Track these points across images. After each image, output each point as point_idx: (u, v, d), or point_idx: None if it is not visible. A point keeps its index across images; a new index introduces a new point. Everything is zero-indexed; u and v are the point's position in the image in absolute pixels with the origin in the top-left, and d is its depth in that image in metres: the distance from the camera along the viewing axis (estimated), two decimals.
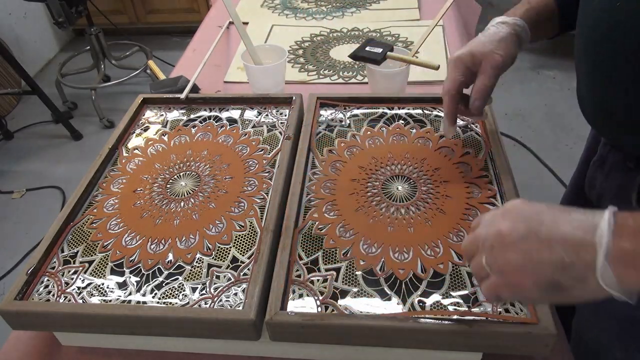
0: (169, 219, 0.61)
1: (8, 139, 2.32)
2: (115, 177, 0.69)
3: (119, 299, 0.53)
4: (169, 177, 0.68)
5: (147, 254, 0.57)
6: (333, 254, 0.56)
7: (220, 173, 0.67)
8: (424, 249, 0.55)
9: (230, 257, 0.56)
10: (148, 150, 0.73)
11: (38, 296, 0.54)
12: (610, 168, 0.64)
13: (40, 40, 2.83)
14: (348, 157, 0.68)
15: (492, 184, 0.63)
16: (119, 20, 2.74)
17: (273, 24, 1.22)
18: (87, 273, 0.56)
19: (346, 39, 1.14)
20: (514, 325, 0.47)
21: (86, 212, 0.64)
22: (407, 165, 0.66)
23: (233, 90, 1.01)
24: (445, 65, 1.01)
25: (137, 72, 2.38)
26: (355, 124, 0.74)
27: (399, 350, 0.53)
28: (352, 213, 0.60)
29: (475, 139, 0.70)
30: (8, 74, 2.45)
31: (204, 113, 0.79)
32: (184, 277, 0.55)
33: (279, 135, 0.73)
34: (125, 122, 0.77)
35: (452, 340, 0.48)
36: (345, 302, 0.51)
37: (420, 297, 0.51)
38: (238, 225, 0.60)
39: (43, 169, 2.15)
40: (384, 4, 1.28)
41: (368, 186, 0.64)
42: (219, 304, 0.52)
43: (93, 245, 0.59)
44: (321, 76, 1.02)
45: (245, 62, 0.89)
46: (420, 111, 0.75)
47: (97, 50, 2.36)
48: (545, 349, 0.47)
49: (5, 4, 2.53)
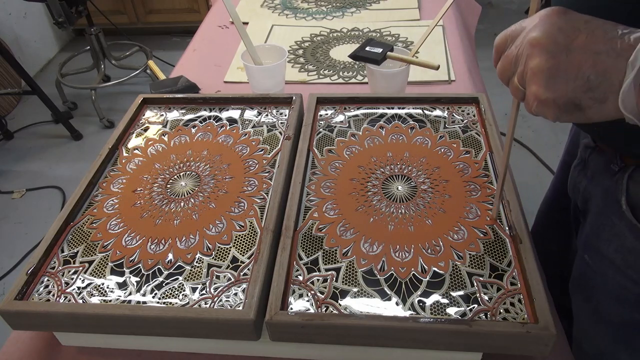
0: (169, 219, 0.61)
1: (8, 139, 2.32)
2: (115, 177, 0.69)
3: (119, 299, 0.53)
4: (169, 177, 0.68)
5: (147, 254, 0.57)
6: (333, 254, 0.56)
7: (220, 173, 0.67)
8: (425, 248, 0.55)
9: (230, 257, 0.56)
10: (148, 150, 0.73)
11: (38, 296, 0.54)
12: (594, 172, 0.62)
13: (40, 40, 2.83)
14: (348, 157, 0.68)
15: (492, 184, 0.63)
16: (119, 20, 2.75)
17: (273, 24, 1.22)
18: (87, 273, 0.56)
19: (346, 39, 1.14)
20: (514, 325, 0.47)
21: (86, 212, 0.64)
22: (406, 164, 0.66)
23: (233, 90, 1.01)
24: (445, 65, 1.01)
25: (137, 72, 2.38)
26: (355, 124, 0.74)
27: (399, 350, 0.53)
28: (352, 212, 0.60)
29: (475, 138, 0.70)
30: (8, 74, 2.45)
31: (204, 113, 0.79)
32: (184, 277, 0.55)
33: (279, 135, 0.73)
34: (125, 122, 0.77)
35: (452, 340, 0.48)
36: (345, 302, 0.51)
37: (420, 297, 0.51)
38: (238, 225, 0.60)
39: (43, 169, 2.15)
40: (384, 4, 1.28)
41: (368, 186, 0.64)
42: (219, 304, 0.52)
43: (93, 245, 0.59)
44: (321, 76, 1.02)
45: (245, 62, 0.89)
46: (420, 111, 0.75)
47: (97, 50, 2.36)
48: (545, 349, 0.47)
49: (5, 4, 2.54)
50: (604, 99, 0.36)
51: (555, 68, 0.37)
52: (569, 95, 0.37)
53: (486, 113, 0.73)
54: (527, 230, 0.56)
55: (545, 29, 0.38)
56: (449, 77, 0.98)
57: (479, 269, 0.53)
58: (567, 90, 0.37)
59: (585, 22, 0.37)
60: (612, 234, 0.58)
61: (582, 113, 0.38)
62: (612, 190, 0.57)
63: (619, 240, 0.57)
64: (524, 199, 0.70)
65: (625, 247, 0.57)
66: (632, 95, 0.35)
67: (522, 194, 0.65)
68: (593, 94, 0.37)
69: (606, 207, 0.59)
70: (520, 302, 0.50)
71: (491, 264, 0.53)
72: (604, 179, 0.59)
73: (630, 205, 0.55)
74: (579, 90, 0.37)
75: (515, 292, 0.50)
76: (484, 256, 0.54)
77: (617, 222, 0.57)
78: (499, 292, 0.51)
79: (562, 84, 0.37)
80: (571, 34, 0.37)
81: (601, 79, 0.36)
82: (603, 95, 0.36)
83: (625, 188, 0.55)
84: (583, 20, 0.38)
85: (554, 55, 0.37)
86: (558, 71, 0.37)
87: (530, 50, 0.38)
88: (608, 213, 0.59)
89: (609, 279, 0.60)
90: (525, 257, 0.52)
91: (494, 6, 3.15)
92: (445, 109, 0.75)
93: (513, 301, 0.50)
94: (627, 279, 0.58)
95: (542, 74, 0.38)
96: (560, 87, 0.37)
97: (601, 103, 0.37)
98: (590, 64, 0.36)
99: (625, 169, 0.55)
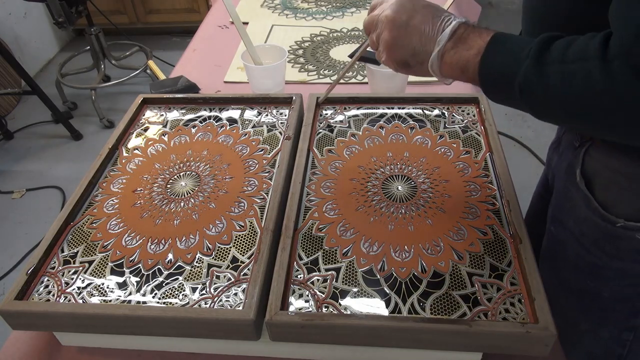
0: (169, 219, 0.61)
1: (8, 139, 2.32)
2: (115, 177, 0.69)
3: (119, 299, 0.53)
4: (169, 177, 0.68)
5: (147, 254, 0.57)
6: (333, 254, 0.56)
7: (220, 173, 0.67)
8: (425, 247, 0.55)
9: (230, 257, 0.56)
10: (148, 150, 0.73)
11: (38, 296, 0.54)
12: (564, 148, 0.67)
13: (40, 40, 2.83)
14: (348, 157, 0.68)
15: (492, 184, 0.63)
16: (119, 20, 2.75)
17: (273, 24, 1.22)
18: (87, 273, 0.56)
19: (346, 39, 1.14)
20: (514, 325, 0.47)
21: (86, 212, 0.64)
22: (406, 164, 0.66)
23: (233, 90, 1.01)
24: None
25: (137, 72, 2.38)
26: (355, 124, 0.74)
27: (399, 350, 0.53)
28: (352, 212, 0.60)
29: (475, 138, 0.70)
30: (8, 74, 2.45)
31: (204, 113, 0.79)
32: (184, 277, 0.55)
33: (279, 135, 0.73)
34: (125, 122, 0.77)
35: (452, 340, 0.48)
36: (345, 302, 0.51)
37: (420, 297, 0.51)
38: (238, 225, 0.60)
39: (43, 169, 2.15)
40: None
41: (368, 186, 0.64)
42: (219, 304, 0.52)
43: (93, 245, 0.59)
44: (321, 76, 1.02)
45: (245, 62, 0.89)
46: (420, 111, 0.75)
47: (97, 50, 2.36)
48: (545, 349, 0.47)
49: (5, 4, 2.54)
50: (423, 62, 0.52)
51: (396, 38, 0.52)
52: (402, 57, 0.53)
53: (486, 113, 0.73)
54: (527, 230, 0.56)
55: (396, 8, 0.52)
56: None
57: (479, 269, 0.53)
58: (401, 54, 0.53)
59: (423, 7, 0.52)
60: (571, 205, 0.64)
61: (410, 69, 0.54)
62: (572, 163, 0.63)
63: (575, 210, 0.63)
64: (523, 199, 0.70)
65: (580, 217, 0.62)
66: (437, 63, 0.51)
67: (522, 193, 0.65)
68: (416, 58, 0.52)
69: (567, 180, 0.64)
70: (520, 302, 0.50)
71: (491, 264, 0.53)
72: (569, 153, 0.64)
73: (585, 177, 0.61)
74: (408, 55, 0.53)
75: (515, 292, 0.50)
76: (484, 256, 0.54)
77: (575, 194, 0.62)
78: (499, 292, 0.51)
79: (398, 50, 0.53)
80: (412, 14, 0.51)
81: (422, 48, 0.51)
82: (422, 60, 0.52)
83: (581, 161, 0.61)
84: (422, 5, 0.52)
85: (397, 29, 0.52)
86: (396, 40, 0.52)
87: (384, 22, 0.53)
88: (568, 186, 0.64)
89: (569, 248, 0.66)
90: (525, 257, 0.52)
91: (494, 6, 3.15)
92: (445, 109, 0.75)
93: (513, 301, 0.50)
94: (582, 247, 0.63)
95: (387, 43, 0.53)
96: (397, 52, 0.53)
97: (421, 65, 0.53)
98: (417, 38, 0.51)
99: (583, 144, 0.61)
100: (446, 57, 0.50)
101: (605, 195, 0.59)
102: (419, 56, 0.52)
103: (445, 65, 0.51)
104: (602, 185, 0.59)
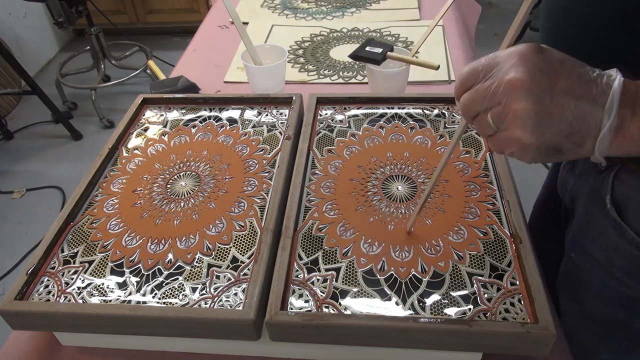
0: (169, 219, 0.62)
1: (8, 139, 2.32)
2: (115, 177, 0.69)
3: (119, 299, 0.53)
4: (169, 177, 0.68)
5: (147, 254, 0.57)
6: (333, 253, 0.56)
7: (220, 173, 0.67)
8: (425, 247, 0.55)
9: (230, 257, 0.56)
10: (148, 150, 0.73)
11: (38, 296, 0.54)
12: (581, 171, 0.63)
13: (40, 40, 2.83)
14: (348, 157, 0.68)
15: (492, 184, 0.63)
16: (119, 20, 2.75)
17: (273, 24, 1.22)
18: (87, 273, 0.56)
19: (346, 39, 1.14)
20: (514, 325, 0.47)
21: (86, 212, 0.64)
22: (406, 164, 0.66)
23: (233, 90, 1.01)
24: (445, 65, 1.01)
25: (137, 72, 2.38)
26: (355, 124, 0.74)
27: (399, 350, 0.53)
28: (352, 212, 0.60)
29: (475, 138, 0.70)
30: (8, 74, 2.45)
31: (204, 113, 0.79)
32: (184, 277, 0.55)
33: (279, 135, 0.73)
34: (125, 122, 0.77)
35: (452, 340, 0.48)
36: (345, 302, 0.51)
37: (420, 297, 0.51)
38: (238, 225, 0.60)
39: (43, 169, 2.15)
40: (384, 4, 1.28)
41: (368, 186, 0.64)
42: (219, 304, 0.52)
43: (93, 245, 0.59)
44: (321, 76, 1.02)
45: (245, 62, 0.89)
46: (420, 111, 0.75)
47: (97, 50, 2.36)
48: (545, 349, 0.47)
49: (5, 4, 2.54)
50: (582, 143, 0.38)
51: (541, 113, 0.37)
52: (552, 140, 0.38)
53: None
54: (527, 230, 0.56)
55: (528, 69, 0.37)
56: (449, 77, 0.98)
57: (479, 269, 0.53)
58: (551, 135, 0.38)
59: (561, 63, 0.38)
60: (597, 232, 0.59)
61: (561, 156, 0.39)
62: (598, 188, 0.58)
63: (603, 238, 0.58)
64: (523, 198, 0.70)
65: (609, 246, 0.57)
66: (607, 142, 0.38)
67: (522, 193, 0.65)
68: (573, 138, 0.38)
69: (592, 205, 0.59)
70: (520, 302, 0.50)
71: (491, 264, 0.53)
72: (591, 177, 0.60)
73: (615, 204, 0.55)
74: (562, 135, 0.38)
75: (515, 292, 0.50)
76: (484, 256, 0.54)
77: (602, 221, 0.57)
78: (499, 292, 0.51)
79: (547, 129, 0.38)
80: (552, 77, 0.37)
81: (582, 124, 0.37)
82: (582, 140, 0.38)
83: (610, 187, 0.55)
84: (559, 61, 0.38)
85: (540, 99, 0.37)
86: (544, 116, 0.37)
87: (513, 91, 0.37)
88: (593, 211, 0.59)
89: (594, 277, 0.61)
90: (525, 257, 0.52)
91: (494, 6, 3.15)
92: (445, 109, 0.75)
93: (513, 301, 0.50)
94: (611, 277, 0.58)
95: (528, 119, 0.37)
96: (545, 132, 0.38)
97: (579, 147, 0.38)
98: (572, 109, 0.37)
99: (611, 168, 0.55)
100: (625, 129, 0.37)
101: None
102: (577, 135, 0.38)
103: (622, 139, 0.37)
104: (637, 213, 0.54)
